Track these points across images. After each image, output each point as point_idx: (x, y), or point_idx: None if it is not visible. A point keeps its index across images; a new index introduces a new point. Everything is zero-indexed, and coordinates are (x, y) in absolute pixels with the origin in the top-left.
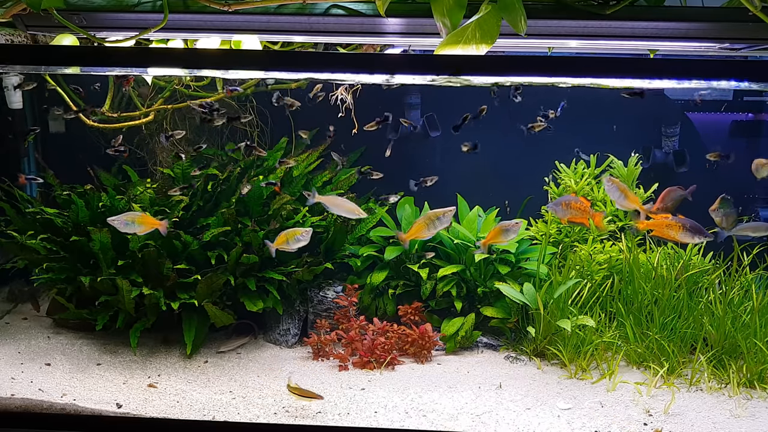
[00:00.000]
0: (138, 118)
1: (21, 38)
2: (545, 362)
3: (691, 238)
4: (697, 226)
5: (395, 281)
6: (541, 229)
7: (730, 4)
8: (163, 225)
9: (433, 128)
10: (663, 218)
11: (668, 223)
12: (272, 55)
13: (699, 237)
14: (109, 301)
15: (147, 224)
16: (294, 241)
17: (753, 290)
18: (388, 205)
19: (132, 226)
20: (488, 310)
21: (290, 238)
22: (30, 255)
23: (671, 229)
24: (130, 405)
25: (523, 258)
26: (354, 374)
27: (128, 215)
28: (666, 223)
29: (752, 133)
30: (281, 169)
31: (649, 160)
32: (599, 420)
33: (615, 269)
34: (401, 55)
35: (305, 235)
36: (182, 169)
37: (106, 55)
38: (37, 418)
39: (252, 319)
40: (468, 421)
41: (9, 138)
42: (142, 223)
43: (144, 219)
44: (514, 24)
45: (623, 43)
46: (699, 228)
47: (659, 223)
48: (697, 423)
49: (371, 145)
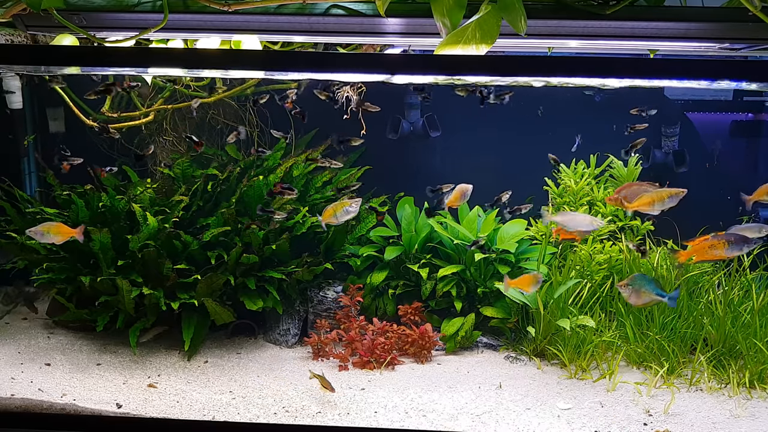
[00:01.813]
0: (138, 118)
1: (21, 38)
2: (545, 362)
3: (739, 250)
4: (740, 237)
5: (395, 281)
6: (541, 229)
7: (730, 4)
8: (78, 232)
9: (433, 128)
10: (702, 241)
11: (710, 243)
12: (272, 55)
13: (746, 246)
14: (109, 301)
15: (62, 233)
16: (342, 213)
17: (753, 290)
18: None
19: (48, 236)
20: (488, 310)
21: (338, 211)
22: (30, 255)
23: (715, 248)
24: (130, 405)
25: (523, 258)
26: (354, 374)
27: (43, 226)
28: (707, 245)
29: (752, 133)
30: (282, 169)
31: (649, 160)
32: (599, 420)
33: (615, 269)
34: (401, 55)
35: (354, 206)
36: (182, 169)
37: (106, 55)
38: (37, 418)
39: (252, 319)
40: (468, 421)
41: (9, 138)
42: (58, 233)
43: (59, 228)
44: (514, 24)
45: (623, 43)
46: (742, 237)
47: (701, 248)
48: (697, 423)
49: (371, 145)
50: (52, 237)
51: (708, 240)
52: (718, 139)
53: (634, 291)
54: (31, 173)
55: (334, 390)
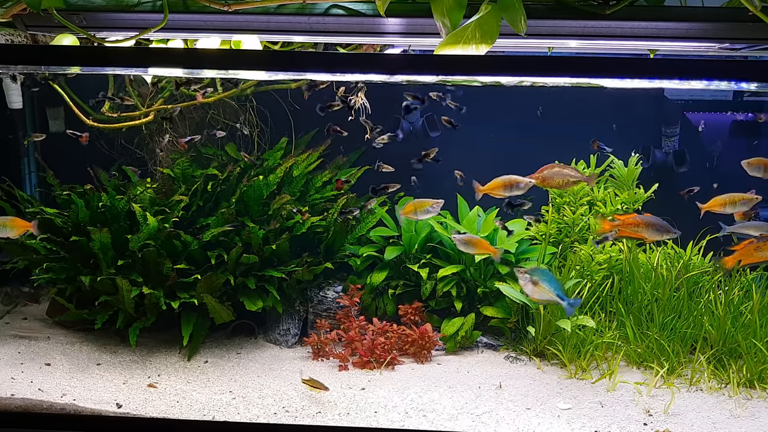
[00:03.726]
0: (138, 118)
1: (21, 38)
2: (545, 362)
3: None
4: None
5: (395, 281)
6: (541, 229)
7: (730, 4)
8: (32, 225)
9: (433, 128)
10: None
11: (756, 246)
12: (272, 55)
13: None
14: (109, 301)
15: (18, 227)
16: (423, 212)
17: (753, 290)
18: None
19: (4, 230)
20: (488, 310)
21: (419, 209)
22: (30, 255)
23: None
24: (130, 405)
25: (523, 258)
26: (354, 374)
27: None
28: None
29: (752, 133)
30: (282, 169)
31: (649, 160)
32: (599, 420)
33: (615, 269)
34: (401, 55)
35: (435, 207)
36: (182, 168)
37: (106, 55)
38: (37, 418)
39: (252, 319)
40: (468, 421)
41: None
42: (14, 226)
43: (14, 222)
44: (514, 24)
45: (623, 43)
46: None
47: (747, 251)
48: (697, 423)
49: (371, 145)
50: (7, 231)
51: (753, 243)
52: (718, 140)
53: (531, 282)
54: (31, 173)
55: (328, 388)
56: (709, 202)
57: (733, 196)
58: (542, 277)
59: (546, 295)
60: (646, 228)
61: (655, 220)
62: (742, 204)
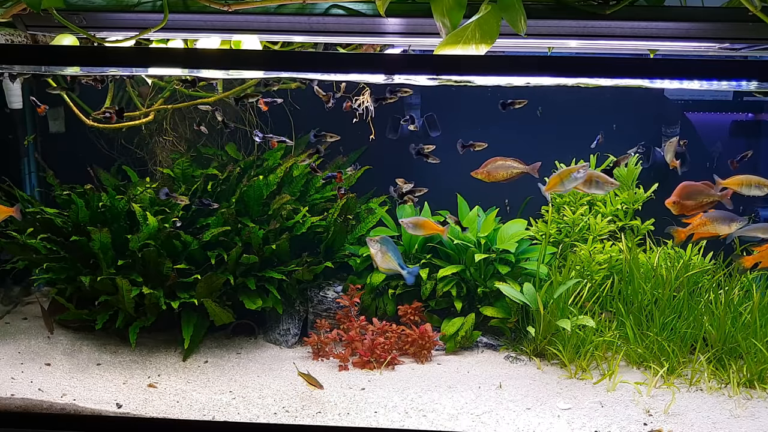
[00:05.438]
0: (138, 118)
1: (21, 38)
2: (545, 362)
3: None
4: None
5: (395, 281)
6: (541, 229)
7: (730, 4)
8: (15, 210)
9: (433, 128)
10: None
11: None
12: (272, 55)
13: None
14: (109, 301)
15: (1, 212)
16: (570, 180)
17: (753, 290)
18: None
19: None
20: (488, 310)
21: (565, 178)
22: (30, 255)
23: None
24: (130, 405)
25: (523, 258)
26: (354, 374)
27: None
28: None
29: (752, 133)
30: (282, 169)
31: (649, 160)
32: (599, 420)
33: (615, 269)
34: (401, 55)
35: (582, 172)
36: (182, 168)
37: (106, 55)
38: (37, 418)
39: (252, 319)
40: (468, 421)
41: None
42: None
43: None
44: (514, 24)
45: (623, 43)
46: None
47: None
48: (697, 423)
49: (372, 145)
50: None
51: None
52: (718, 140)
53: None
54: (31, 173)
55: (323, 387)
56: (728, 179)
57: (750, 177)
58: (388, 246)
59: (391, 264)
60: (717, 224)
61: (720, 214)
62: (757, 188)
